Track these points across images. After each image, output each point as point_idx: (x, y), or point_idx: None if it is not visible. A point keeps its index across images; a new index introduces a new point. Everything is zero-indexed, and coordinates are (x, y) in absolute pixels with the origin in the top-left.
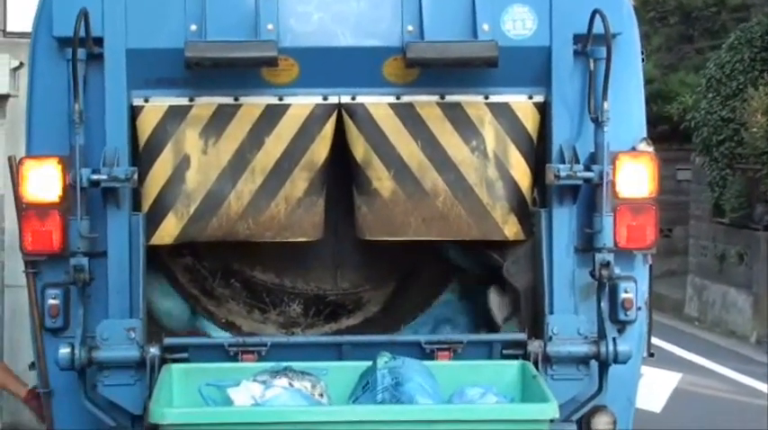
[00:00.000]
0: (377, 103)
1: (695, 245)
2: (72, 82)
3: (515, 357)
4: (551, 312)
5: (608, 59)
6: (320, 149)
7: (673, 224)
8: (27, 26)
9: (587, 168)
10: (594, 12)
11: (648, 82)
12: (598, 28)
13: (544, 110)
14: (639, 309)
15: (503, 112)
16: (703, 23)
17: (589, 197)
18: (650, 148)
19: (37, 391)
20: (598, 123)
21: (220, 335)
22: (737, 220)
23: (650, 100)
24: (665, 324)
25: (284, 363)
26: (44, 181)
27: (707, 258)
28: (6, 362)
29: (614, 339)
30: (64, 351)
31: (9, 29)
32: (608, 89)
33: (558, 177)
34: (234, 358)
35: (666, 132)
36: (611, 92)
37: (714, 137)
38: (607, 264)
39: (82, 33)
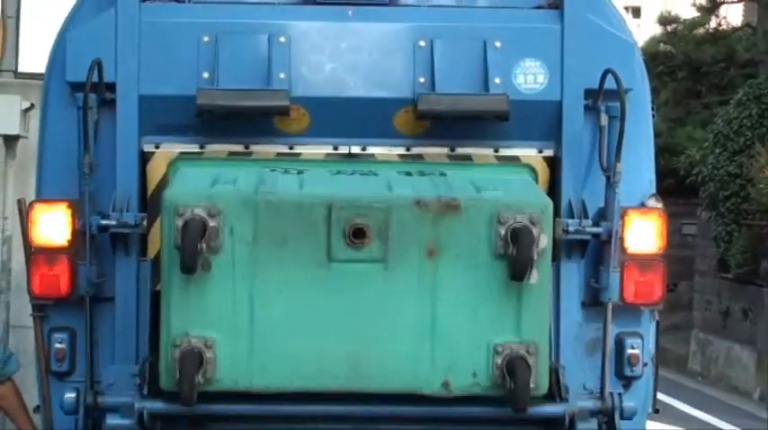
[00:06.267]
0: (387, 153)
1: (700, 300)
2: (83, 133)
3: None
4: None
5: (622, 119)
6: None
7: (677, 279)
8: (38, 67)
9: (596, 223)
10: (606, 71)
11: (655, 136)
12: (610, 83)
13: (554, 164)
14: (645, 364)
15: None
16: (711, 79)
17: (597, 251)
18: (659, 204)
19: None
20: (610, 182)
21: None
22: (743, 276)
23: (657, 154)
24: (668, 378)
25: None
26: (53, 225)
27: (711, 313)
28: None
29: (620, 395)
30: (69, 395)
31: (20, 70)
32: (621, 149)
33: (566, 232)
34: None
35: (672, 186)
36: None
37: (721, 192)
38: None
39: (95, 79)
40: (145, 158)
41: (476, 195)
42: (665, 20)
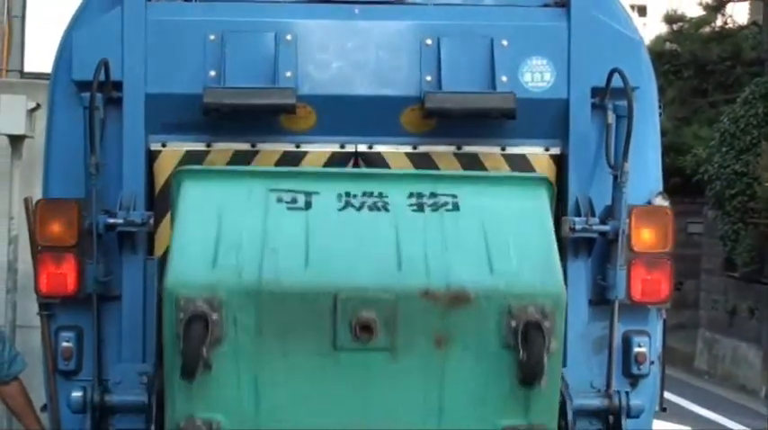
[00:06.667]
0: (394, 152)
1: (706, 298)
2: (89, 132)
3: None
4: (564, 365)
5: (629, 118)
6: None
7: (683, 277)
8: (44, 67)
9: (603, 221)
10: (613, 70)
11: (662, 134)
12: (617, 81)
13: (560, 162)
14: (652, 363)
15: (519, 164)
16: (717, 77)
17: (604, 250)
18: (666, 203)
19: None
20: (617, 181)
21: None
22: (749, 275)
23: (663, 152)
24: (674, 377)
25: None
26: (60, 223)
27: (717, 312)
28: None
29: (627, 393)
30: (76, 394)
31: (26, 69)
32: (629, 148)
33: (573, 230)
34: None
35: (678, 185)
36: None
37: (727, 190)
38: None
39: (101, 78)
40: (152, 157)
41: (487, 282)
42: (670, 18)
